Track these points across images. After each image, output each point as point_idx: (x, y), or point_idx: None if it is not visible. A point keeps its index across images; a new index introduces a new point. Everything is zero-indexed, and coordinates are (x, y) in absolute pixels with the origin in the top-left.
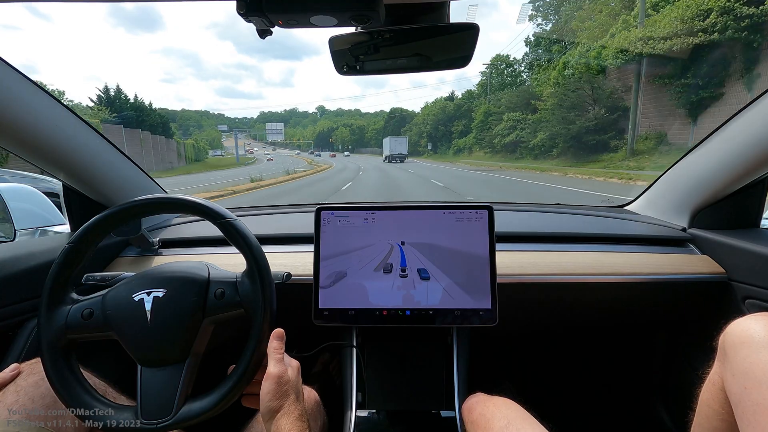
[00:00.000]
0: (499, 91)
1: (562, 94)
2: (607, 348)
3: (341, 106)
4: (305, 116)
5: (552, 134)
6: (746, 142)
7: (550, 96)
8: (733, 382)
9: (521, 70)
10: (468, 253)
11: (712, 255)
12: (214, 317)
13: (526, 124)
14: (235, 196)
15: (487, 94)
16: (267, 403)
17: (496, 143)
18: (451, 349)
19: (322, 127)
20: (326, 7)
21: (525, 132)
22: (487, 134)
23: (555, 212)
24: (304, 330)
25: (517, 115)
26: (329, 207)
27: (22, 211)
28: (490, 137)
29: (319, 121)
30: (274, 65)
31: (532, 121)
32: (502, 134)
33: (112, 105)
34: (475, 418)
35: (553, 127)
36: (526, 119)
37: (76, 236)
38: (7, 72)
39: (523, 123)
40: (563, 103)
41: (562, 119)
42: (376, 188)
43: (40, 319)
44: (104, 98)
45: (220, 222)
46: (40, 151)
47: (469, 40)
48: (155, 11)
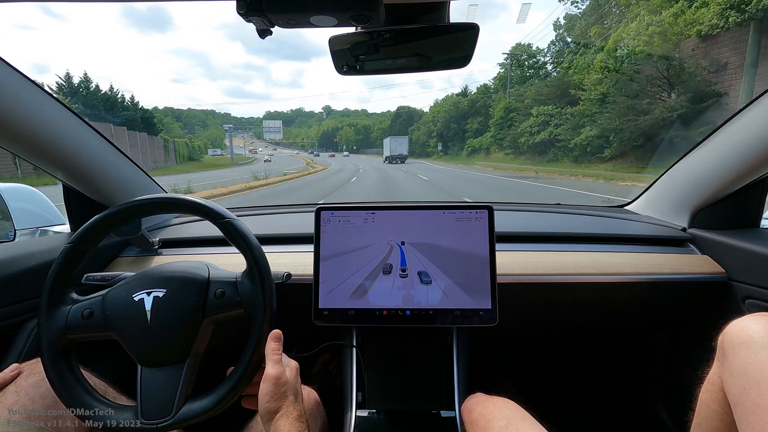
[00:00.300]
0: (519, 85)
1: (616, 81)
2: (606, 348)
3: (348, 107)
4: (311, 116)
5: (604, 130)
6: (746, 142)
7: (595, 84)
8: (732, 382)
9: (546, 61)
10: (468, 253)
11: (712, 255)
12: (214, 317)
13: (563, 120)
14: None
15: (507, 88)
16: (265, 404)
17: (521, 143)
18: (451, 349)
19: (326, 127)
20: (326, 7)
21: (562, 129)
22: (508, 133)
23: (555, 212)
24: (304, 330)
25: (549, 109)
26: (329, 207)
27: (22, 211)
28: (513, 136)
29: (324, 121)
30: (282, 66)
31: (571, 115)
32: (531, 132)
33: (74, 95)
34: (475, 418)
35: (608, 121)
36: (562, 114)
37: (76, 236)
38: (7, 72)
39: (558, 118)
40: (623, 90)
41: (626, 110)
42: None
43: (40, 319)
44: (65, 87)
45: (220, 222)
46: (40, 151)
47: (469, 40)
48: (166, 12)
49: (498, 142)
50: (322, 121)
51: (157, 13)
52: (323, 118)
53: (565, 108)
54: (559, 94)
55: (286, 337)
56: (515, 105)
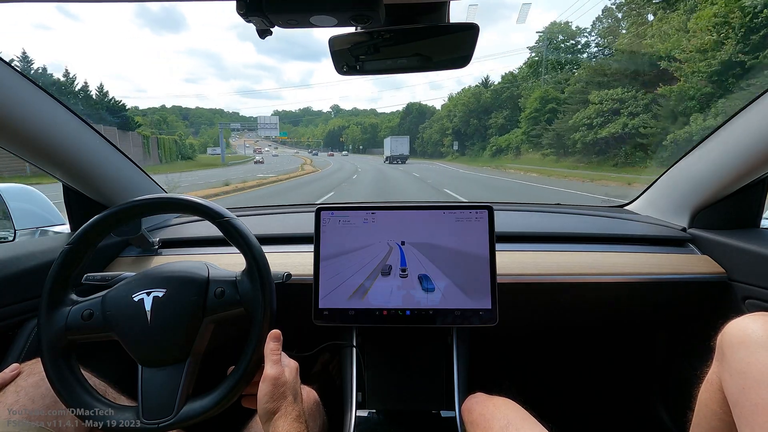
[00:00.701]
0: (554, 71)
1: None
2: (606, 348)
3: (357, 106)
4: (318, 115)
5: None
6: (746, 142)
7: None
8: (731, 382)
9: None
10: (468, 253)
11: (712, 255)
12: (214, 316)
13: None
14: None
15: (541, 75)
16: (264, 404)
17: (575, 139)
18: (451, 349)
19: (333, 126)
20: (326, 7)
21: (642, 119)
22: (549, 128)
23: (555, 212)
24: (304, 330)
25: (619, 93)
26: (329, 207)
27: (22, 211)
28: (557, 132)
29: (331, 120)
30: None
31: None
32: (590, 125)
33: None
34: (475, 418)
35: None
36: (640, 99)
37: (75, 237)
38: (7, 72)
39: (635, 104)
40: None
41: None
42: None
43: (40, 321)
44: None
45: (219, 221)
46: (40, 151)
47: (469, 40)
48: (178, 12)
49: (531, 140)
50: (329, 120)
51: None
52: (331, 117)
53: (644, 92)
54: (632, 74)
55: (285, 337)
56: (554, 94)
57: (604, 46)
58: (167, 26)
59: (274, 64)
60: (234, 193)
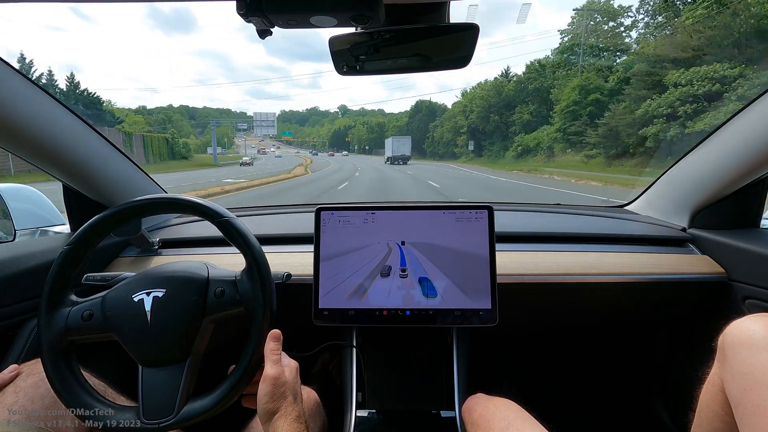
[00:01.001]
0: (590, 57)
1: None
2: (607, 348)
3: (364, 106)
4: (326, 115)
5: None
6: (746, 142)
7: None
8: (733, 383)
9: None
10: (468, 253)
11: (712, 255)
12: (214, 316)
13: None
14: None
15: (580, 57)
16: (264, 405)
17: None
18: (451, 349)
19: (339, 125)
20: (326, 7)
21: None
22: (598, 123)
23: (555, 212)
24: (304, 330)
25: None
26: (329, 207)
27: (22, 211)
28: (613, 126)
29: (337, 120)
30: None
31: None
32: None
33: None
34: (476, 418)
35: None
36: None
37: (74, 238)
38: (7, 72)
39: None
40: None
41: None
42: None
43: (40, 322)
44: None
45: (219, 221)
46: (39, 151)
47: (469, 40)
48: (189, 13)
49: (569, 139)
50: (336, 120)
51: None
52: (338, 117)
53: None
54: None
55: (285, 337)
56: (597, 82)
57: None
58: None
59: (283, 65)
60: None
